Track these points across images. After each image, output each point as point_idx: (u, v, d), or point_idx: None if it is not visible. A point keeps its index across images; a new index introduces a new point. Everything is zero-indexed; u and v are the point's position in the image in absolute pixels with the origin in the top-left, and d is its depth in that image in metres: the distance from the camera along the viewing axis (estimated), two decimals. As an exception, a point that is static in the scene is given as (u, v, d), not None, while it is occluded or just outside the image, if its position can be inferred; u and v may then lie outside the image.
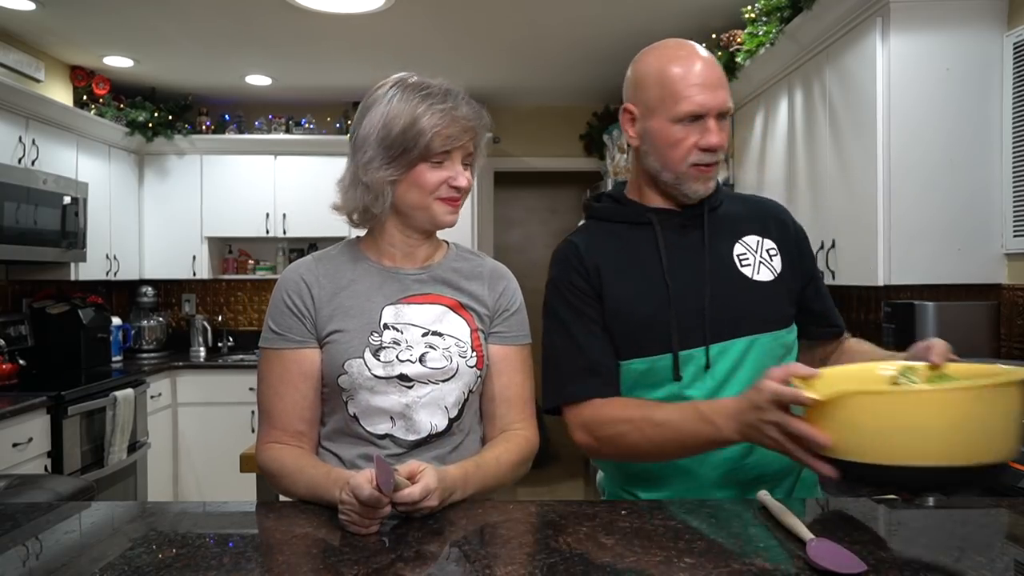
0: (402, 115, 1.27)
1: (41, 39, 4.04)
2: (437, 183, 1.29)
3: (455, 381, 1.31)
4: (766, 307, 1.36)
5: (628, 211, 1.41)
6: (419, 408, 1.30)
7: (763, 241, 1.41)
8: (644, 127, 1.35)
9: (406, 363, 1.29)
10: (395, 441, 1.30)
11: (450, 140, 1.27)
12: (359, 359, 1.28)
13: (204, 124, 5.08)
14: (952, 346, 1.14)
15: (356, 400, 1.30)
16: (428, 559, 0.97)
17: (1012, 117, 2.33)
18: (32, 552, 1.03)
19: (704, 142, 1.31)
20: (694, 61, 1.31)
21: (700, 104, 1.29)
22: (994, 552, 0.97)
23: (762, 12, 3.15)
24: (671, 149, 1.32)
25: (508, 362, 1.39)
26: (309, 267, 1.36)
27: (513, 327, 1.40)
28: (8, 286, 4.08)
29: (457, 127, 1.27)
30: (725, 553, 0.97)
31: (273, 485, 1.30)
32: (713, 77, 1.31)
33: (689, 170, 1.33)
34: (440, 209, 1.31)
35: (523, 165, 5.61)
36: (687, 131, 1.31)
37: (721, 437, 1.19)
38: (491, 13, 3.63)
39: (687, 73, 1.30)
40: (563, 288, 1.37)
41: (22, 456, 3.17)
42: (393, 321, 1.31)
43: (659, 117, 1.32)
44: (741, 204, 1.46)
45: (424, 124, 1.25)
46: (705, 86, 1.29)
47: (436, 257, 1.40)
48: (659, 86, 1.31)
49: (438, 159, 1.28)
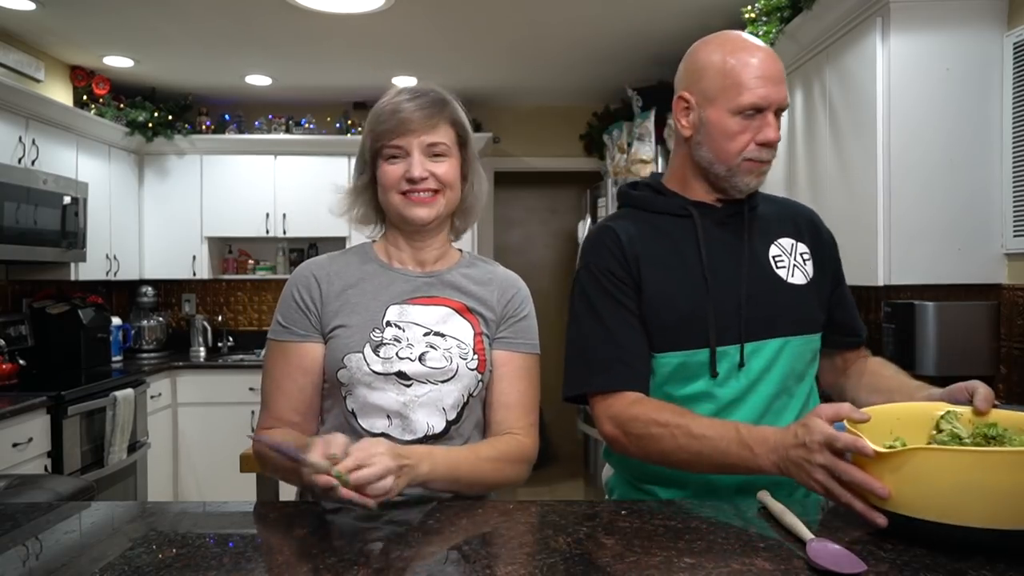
0: (367, 121, 1.37)
1: (41, 39, 4.04)
2: (395, 178, 1.32)
3: (454, 382, 1.31)
4: (799, 310, 1.35)
5: (670, 202, 1.39)
6: (416, 407, 1.29)
7: (797, 244, 1.41)
8: (700, 117, 1.32)
9: (405, 361, 1.29)
10: (391, 440, 1.27)
11: (391, 134, 1.30)
12: (358, 354, 1.29)
13: (204, 124, 5.08)
14: (990, 393, 1.12)
15: (354, 395, 1.31)
16: (428, 559, 0.97)
17: (1012, 117, 2.33)
18: (32, 552, 1.03)
19: (762, 136, 1.29)
20: (758, 53, 1.29)
21: (763, 97, 1.27)
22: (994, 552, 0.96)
23: (762, 12, 3.15)
24: (728, 141, 1.30)
25: (510, 368, 1.37)
26: (321, 264, 1.39)
27: (519, 333, 1.39)
28: (8, 286, 4.08)
29: (394, 121, 1.30)
30: (725, 553, 0.97)
31: (263, 468, 1.33)
32: (776, 71, 1.29)
33: (743, 163, 1.31)
34: (403, 203, 1.33)
35: (523, 165, 5.61)
36: (746, 124, 1.29)
37: (756, 465, 1.15)
38: (491, 13, 3.63)
39: (751, 64, 1.27)
40: (600, 274, 1.33)
41: (22, 456, 3.17)
42: (396, 319, 1.32)
43: (718, 107, 1.29)
44: (774, 205, 1.46)
45: (375, 122, 1.33)
46: (768, 79, 1.27)
47: (446, 262, 1.41)
48: (721, 75, 1.29)
49: (391, 152, 1.32)
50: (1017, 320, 2.33)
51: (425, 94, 1.33)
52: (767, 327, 1.31)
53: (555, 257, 6.26)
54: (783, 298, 1.34)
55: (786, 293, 1.35)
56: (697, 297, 1.31)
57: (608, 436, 1.30)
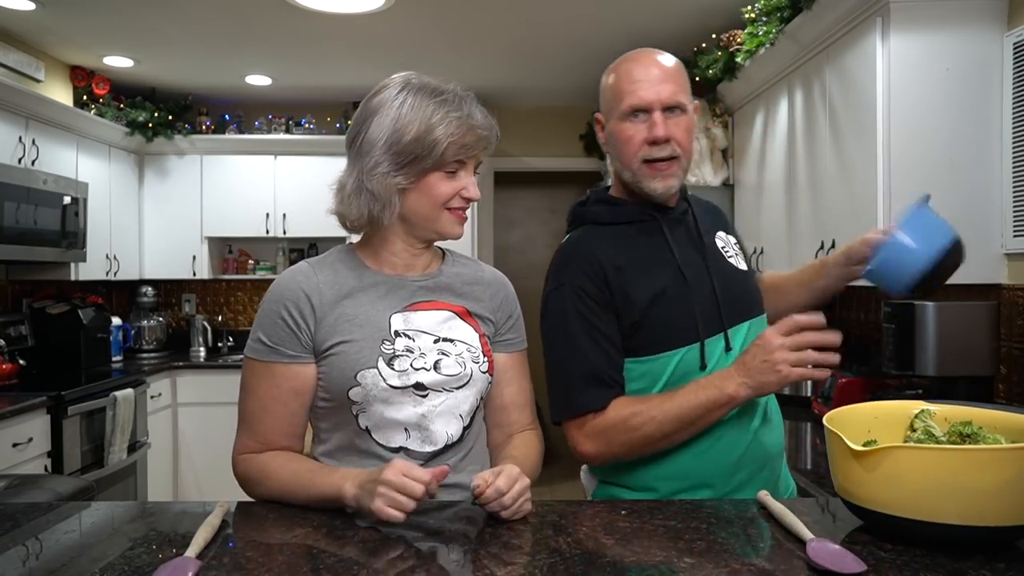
0: (415, 121, 1.21)
1: (41, 39, 4.04)
2: (450, 194, 1.25)
3: (469, 388, 1.29)
4: (755, 293, 1.49)
5: (631, 211, 1.44)
6: (435, 418, 1.26)
7: (728, 236, 1.53)
8: (607, 131, 1.43)
9: (421, 371, 1.25)
10: (409, 454, 1.25)
11: (465, 150, 1.23)
12: (372, 369, 1.22)
13: (204, 124, 5.08)
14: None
15: (369, 413, 1.24)
16: (428, 559, 0.97)
17: (1012, 117, 2.33)
18: (32, 552, 1.03)
19: (649, 135, 1.35)
20: (641, 61, 1.40)
21: (640, 98, 1.35)
22: (994, 551, 0.96)
23: (762, 12, 3.15)
24: (624, 146, 1.39)
25: (515, 369, 1.39)
26: (307, 274, 1.28)
27: (516, 333, 1.41)
28: (8, 286, 4.08)
29: (473, 136, 1.23)
30: (725, 553, 0.97)
31: (252, 491, 1.27)
32: (657, 73, 1.37)
33: (642, 167, 1.38)
34: (449, 220, 1.28)
35: (523, 165, 5.61)
36: (635, 127, 1.37)
37: (727, 396, 1.25)
38: (491, 13, 3.63)
39: (631, 72, 1.38)
40: (573, 294, 1.36)
41: (22, 456, 3.17)
42: (403, 328, 1.27)
43: (613, 118, 1.40)
44: (696, 202, 1.54)
45: (439, 133, 1.21)
46: (647, 81, 1.36)
47: (435, 264, 1.37)
48: (611, 88, 1.40)
49: (451, 168, 1.24)
50: (1017, 320, 2.33)
51: (480, 106, 1.27)
52: (741, 312, 1.41)
53: (555, 257, 6.25)
54: (743, 284, 1.46)
55: (743, 279, 1.47)
56: (680, 296, 1.37)
57: (590, 454, 1.35)
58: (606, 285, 1.35)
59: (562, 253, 1.43)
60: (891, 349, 2.51)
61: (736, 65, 3.46)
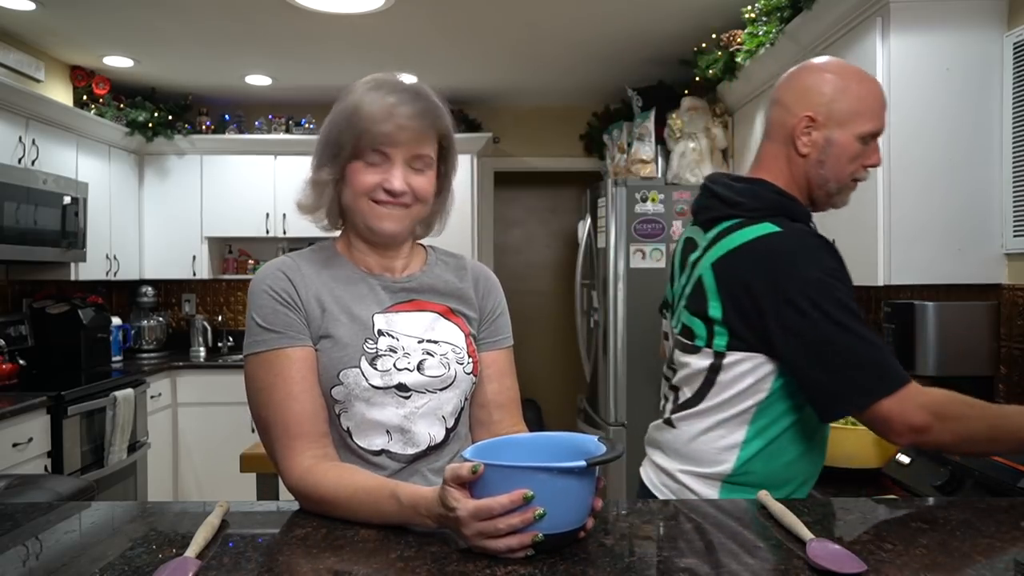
0: (345, 110, 1.21)
1: (41, 39, 4.04)
2: (370, 184, 1.20)
3: (452, 389, 1.27)
4: None
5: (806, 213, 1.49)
6: (417, 419, 1.23)
7: None
8: (826, 136, 1.42)
9: (404, 372, 1.22)
10: (391, 457, 1.23)
11: (382, 138, 1.18)
12: (355, 368, 1.20)
13: (204, 124, 5.08)
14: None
15: (350, 413, 1.22)
16: (428, 559, 0.97)
17: (1012, 117, 2.33)
18: (32, 552, 1.03)
19: (875, 160, 1.45)
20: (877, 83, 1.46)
21: (884, 124, 1.44)
22: (994, 552, 0.97)
23: (762, 12, 3.15)
24: (849, 163, 1.44)
25: (499, 366, 1.36)
26: (288, 266, 1.25)
27: (501, 330, 1.37)
28: (8, 286, 4.08)
29: (392, 124, 1.17)
30: (725, 553, 0.97)
31: (318, 510, 1.14)
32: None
33: (850, 183, 1.47)
34: (373, 213, 1.21)
35: (523, 165, 5.61)
36: (864, 149, 1.44)
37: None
38: (491, 13, 3.63)
39: (878, 94, 1.44)
40: (846, 281, 1.35)
41: (22, 456, 3.17)
42: (386, 329, 1.24)
43: (846, 131, 1.41)
44: None
45: (358, 118, 1.18)
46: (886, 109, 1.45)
47: (417, 263, 1.34)
48: (857, 100, 1.42)
49: (372, 159, 1.20)
50: (1017, 320, 2.33)
51: (418, 98, 1.21)
52: None
53: (555, 257, 6.26)
54: None
55: None
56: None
57: (919, 426, 1.27)
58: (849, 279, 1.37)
59: (826, 243, 1.38)
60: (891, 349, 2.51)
61: (736, 65, 3.46)
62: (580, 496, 0.96)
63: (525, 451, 1.06)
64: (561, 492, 0.93)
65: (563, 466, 0.93)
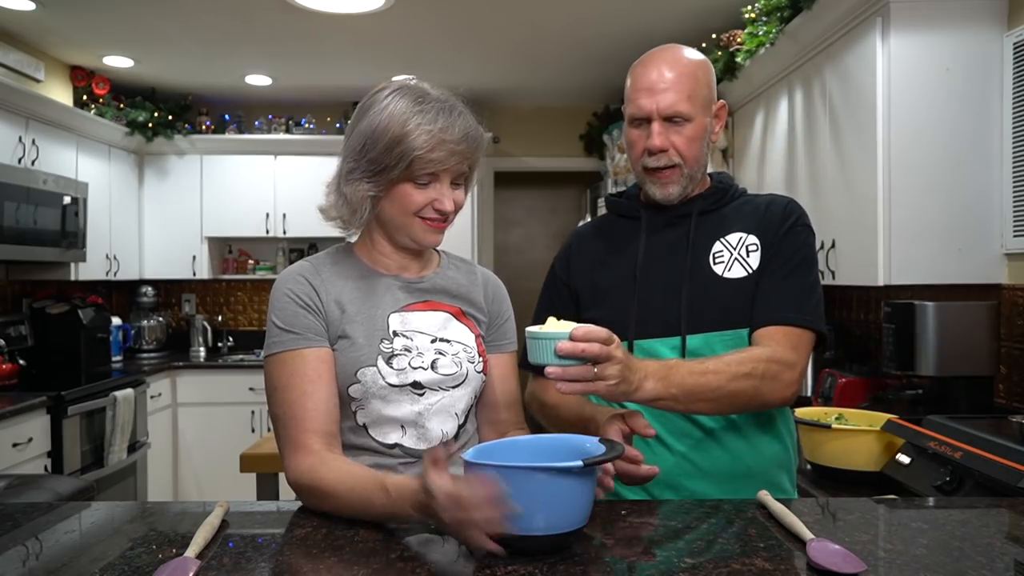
0: (389, 131, 1.20)
1: (41, 39, 4.04)
2: (421, 204, 1.24)
3: (464, 387, 1.31)
4: (729, 305, 1.36)
5: (623, 206, 1.52)
6: (431, 416, 1.28)
7: (746, 237, 1.39)
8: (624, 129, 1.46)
9: (418, 370, 1.27)
10: (405, 450, 1.26)
11: (434, 164, 1.21)
12: (372, 367, 1.24)
13: (204, 124, 5.08)
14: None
15: (367, 409, 1.26)
16: (428, 559, 0.97)
17: (1012, 117, 2.33)
18: (32, 552, 1.03)
19: (647, 144, 1.38)
20: (649, 66, 1.39)
21: (639, 107, 1.38)
22: (994, 552, 0.97)
23: (762, 12, 3.15)
24: (630, 151, 1.44)
25: (506, 368, 1.41)
26: (308, 270, 1.30)
27: (507, 335, 1.43)
28: (8, 286, 4.08)
29: (444, 151, 1.20)
30: (725, 553, 0.97)
31: (318, 505, 1.16)
32: (661, 81, 1.36)
33: (643, 173, 1.42)
34: (422, 229, 1.26)
35: (523, 165, 5.61)
36: (638, 134, 1.40)
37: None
38: (492, 13, 3.63)
39: (638, 77, 1.39)
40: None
41: (22, 456, 3.17)
42: (401, 328, 1.29)
43: (625, 119, 1.44)
44: (748, 204, 1.46)
45: (408, 145, 1.19)
46: (650, 90, 1.36)
47: (431, 266, 1.38)
48: (625, 91, 1.43)
49: (423, 180, 1.23)
50: (1017, 320, 2.33)
51: (460, 115, 1.23)
52: (703, 322, 1.35)
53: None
54: (714, 294, 1.36)
55: (719, 288, 1.37)
56: (625, 293, 1.41)
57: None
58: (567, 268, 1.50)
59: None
60: (891, 349, 2.51)
61: (736, 65, 3.45)
62: (579, 496, 0.96)
63: (525, 452, 1.08)
64: (560, 492, 0.94)
65: (561, 466, 0.93)
